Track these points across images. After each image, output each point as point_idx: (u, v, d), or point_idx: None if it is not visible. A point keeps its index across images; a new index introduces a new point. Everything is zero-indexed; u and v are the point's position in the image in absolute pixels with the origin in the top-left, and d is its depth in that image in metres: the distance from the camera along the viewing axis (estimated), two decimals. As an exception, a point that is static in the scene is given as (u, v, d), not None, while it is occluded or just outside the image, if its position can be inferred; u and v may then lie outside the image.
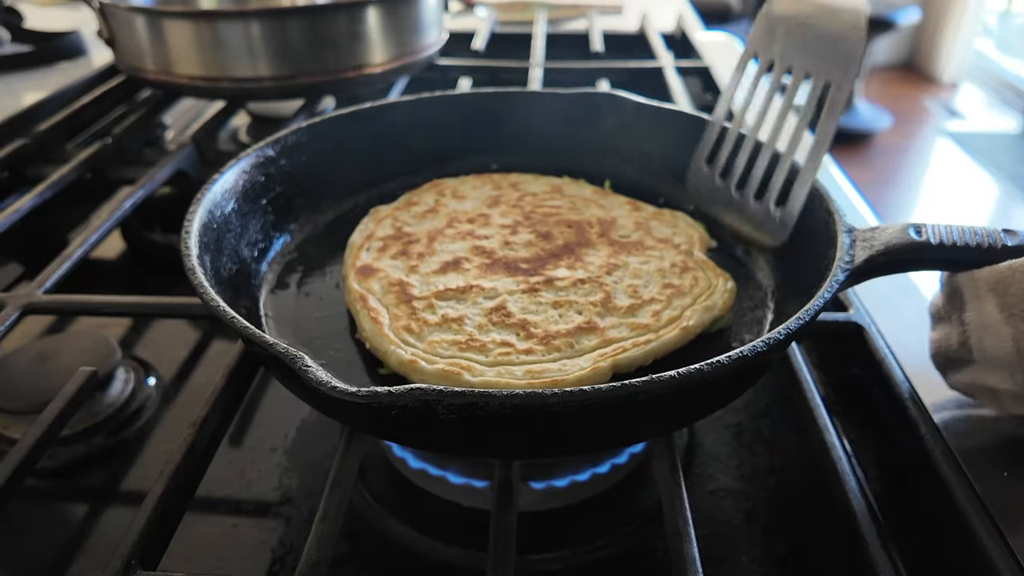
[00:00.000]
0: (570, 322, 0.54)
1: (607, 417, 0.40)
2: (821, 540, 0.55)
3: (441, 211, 0.69)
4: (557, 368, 0.49)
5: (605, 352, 0.51)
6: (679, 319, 0.54)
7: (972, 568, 0.43)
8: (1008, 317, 0.46)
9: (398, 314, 0.54)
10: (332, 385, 0.37)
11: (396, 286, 0.58)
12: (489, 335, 0.52)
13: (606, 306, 0.55)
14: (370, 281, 0.59)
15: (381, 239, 0.64)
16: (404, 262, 0.61)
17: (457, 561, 0.53)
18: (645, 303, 0.56)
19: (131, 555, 0.39)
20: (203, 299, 0.45)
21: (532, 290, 0.57)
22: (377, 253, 0.62)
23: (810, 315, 0.43)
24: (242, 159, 0.62)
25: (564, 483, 0.56)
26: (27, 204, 0.77)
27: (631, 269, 0.60)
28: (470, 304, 0.56)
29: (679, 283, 0.58)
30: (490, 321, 0.53)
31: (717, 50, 1.38)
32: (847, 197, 0.87)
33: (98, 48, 1.29)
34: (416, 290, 0.57)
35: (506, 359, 0.50)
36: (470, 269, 0.60)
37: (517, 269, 0.60)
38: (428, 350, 0.51)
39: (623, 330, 0.53)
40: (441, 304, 0.55)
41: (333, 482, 0.44)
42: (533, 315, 0.54)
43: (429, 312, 0.55)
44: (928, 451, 0.48)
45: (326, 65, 0.94)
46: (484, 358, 0.50)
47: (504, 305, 0.55)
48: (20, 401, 0.60)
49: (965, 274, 0.50)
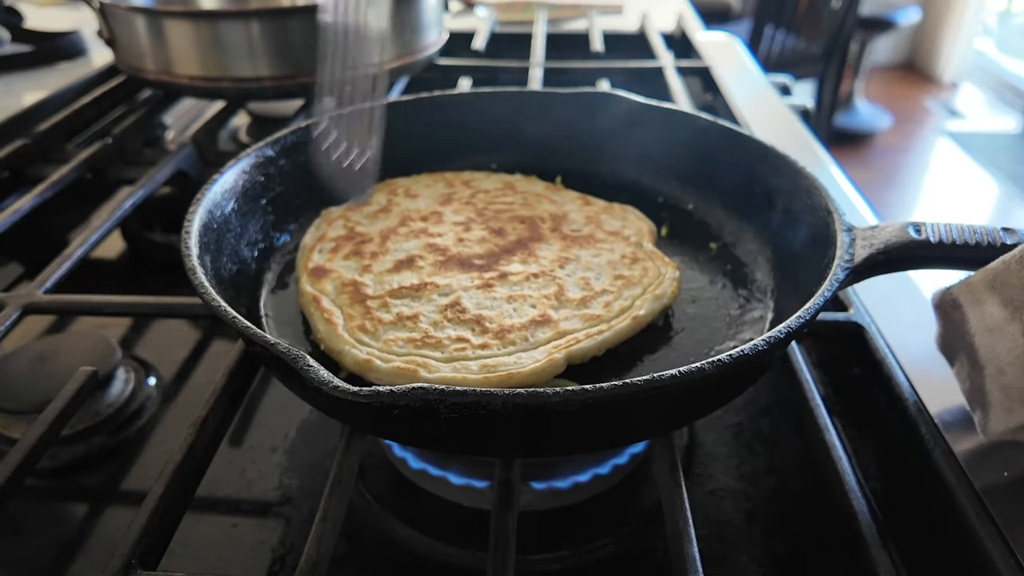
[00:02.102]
0: (524, 316, 0.55)
1: (608, 416, 0.40)
2: (821, 540, 0.55)
3: (394, 210, 0.69)
4: (512, 361, 0.50)
5: (559, 344, 0.52)
6: (630, 309, 0.56)
7: (972, 568, 0.43)
8: (1013, 312, 0.45)
9: (352, 314, 0.54)
10: (334, 384, 0.37)
11: (349, 286, 0.58)
12: (444, 331, 0.53)
13: (559, 299, 0.57)
14: (323, 282, 0.58)
15: (333, 240, 0.64)
16: (357, 262, 0.61)
17: (457, 561, 0.53)
18: (597, 294, 0.57)
19: (131, 555, 0.39)
20: (204, 299, 0.45)
21: (486, 285, 0.58)
22: (330, 254, 0.62)
23: (810, 313, 0.43)
24: (242, 159, 0.62)
25: (565, 483, 0.56)
26: (27, 204, 0.77)
27: (583, 262, 0.62)
28: (425, 301, 0.56)
29: (629, 274, 0.60)
30: (445, 318, 0.54)
31: (717, 50, 1.38)
32: (847, 197, 0.87)
33: (98, 48, 1.29)
34: (370, 289, 0.57)
35: (462, 355, 0.51)
36: (424, 267, 0.60)
37: (471, 265, 0.61)
38: (384, 349, 0.51)
39: (576, 322, 0.54)
40: (396, 303, 0.56)
41: (333, 482, 0.44)
42: (488, 310, 0.55)
43: (384, 311, 0.55)
44: (928, 451, 0.48)
45: (326, 65, 0.94)
46: (440, 354, 0.51)
47: (459, 301, 0.56)
48: (20, 401, 0.60)
49: (958, 285, 0.49)
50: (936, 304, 0.52)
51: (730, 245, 0.67)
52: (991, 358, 0.47)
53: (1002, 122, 4.53)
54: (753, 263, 0.64)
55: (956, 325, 0.50)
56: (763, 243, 0.65)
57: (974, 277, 0.48)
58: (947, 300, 0.51)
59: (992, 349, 0.47)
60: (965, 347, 0.49)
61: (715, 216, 0.70)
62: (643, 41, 1.40)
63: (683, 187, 0.73)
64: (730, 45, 1.47)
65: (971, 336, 0.48)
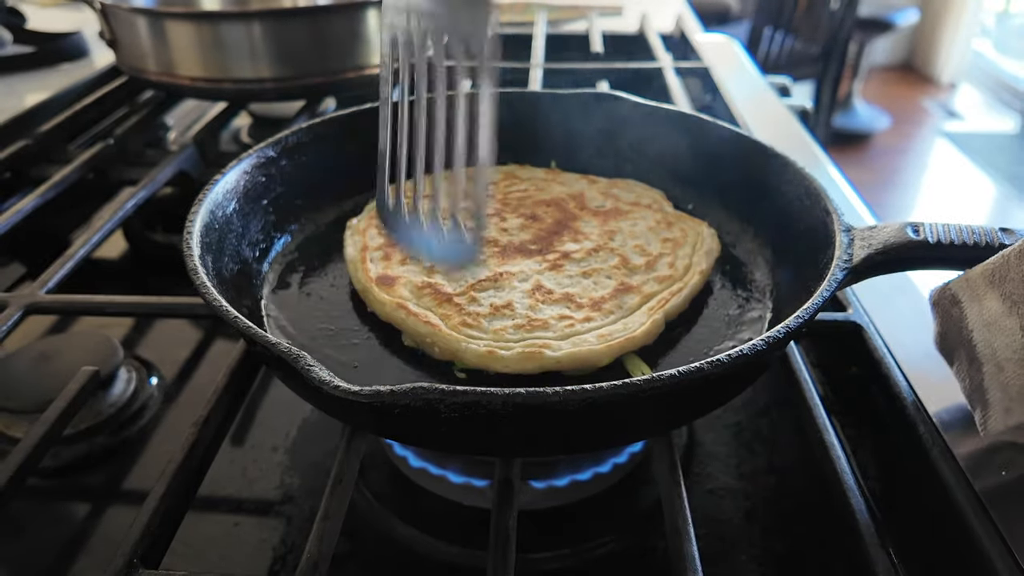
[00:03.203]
0: (606, 287, 0.57)
1: (608, 415, 0.40)
2: (820, 539, 0.55)
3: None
4: (622, 327, 0.53)
5: (651, 306, 0.55)
6: (691, 266, 0.60)
7: (970, 567, 0.43)
8: (1011, 307, 0.45)
9: (447, 313, 0.54)
10: (335, 384, 0.37)
11: (427, 288, 0.57)
12: (544, 312, 0.54)
13: (627, 267, 0.59)
14: (396, 289, 0.57)
15: (379, 248, 0.63)
16: (417, 266, 0.60)
17: (457, 560, 0.53)
18: (657, 258, 0.61)
19: (133, 554, 0.40)
20: (205, 299, 0.45)
21: (555, 266, 0.59)
22: (384, 262, 0.61)
23: (809, 313, 0.43)
24: (243, 160, 0.63)
25: (564, 482, 0.56)
26: (29, 204, 0.77)
27: (626, 232, 0.65)
28: (508, 290, 0.57)
29: (672, 236, 0.64)
30: (537, 301, 0.55)
31: (716, 51, 1.38)
32: (845, 197, 0.87)
33: (100, 49, 1.29)
34: (449, 288, 0.57)
35: (573, 330, 0.52)
36: (487, 259, 0.61)
37: (529, 251, 0.62)
38: (497, 338, 0.51)
39: (652, 284, 0.58)
40: (482, 295, 0.56)
41: (334, 481, 0.44)
42: (571, 288, 0.57)
43: (475, 305, 0.55)
44: (927, 450, 0.49)
45: (327, 66, 0.94)
46: (553, 334, 0.52)
47: (541, 284, 0.57)
48: (23, 401, 0.60)
49: (957, 280, 0.49)
50: (934, 301, 0.52)
51: (729, 245, 0.67)
52: (989, 354, 0.46)
53: (1000, 123, 4.53)
54: (752, 263, 0.64)
55: (955, 322, 0.50)
56: (762, 243, 0.65)
57: (973, 272, 0.48)
58: (945, 296, 0.51)
59: (990, 344, 0.46)
60: (964, 344, 0.49)
61: (715, 216, 0.70)
62: (642, 42, 1.41)
63: (683, 187, 0.73)
64: (729, 46, 1.48)
65: (969, 332, 0.48)
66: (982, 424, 0.48)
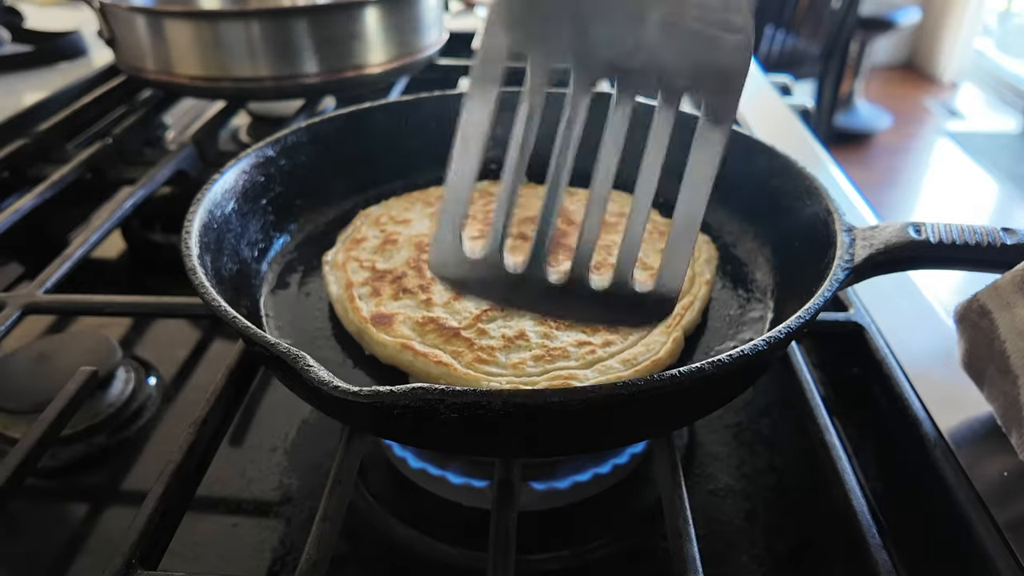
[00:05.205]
0: None
1: (608, 416, 0.40)
2: (821, 540, 0.55)
3: (399, 240, 0.63)
4: (645, 350, 0.51)
5: (668, 324, 0.53)
6: (695, 276, 0.59)
7: (971, 568, 0.43)
8: None
9: (458, 350, 0.50)
10: (334, 385, 0.37)
11: (429, 324, 0.52)
12: (561, 341, 0.51)
13: None
14: (395, 327, 0.53)
15: (365, 283, 0.58)
16: (412, 299, 0.56)
17: (457, 561, 0.53)
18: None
19: (131, 554, 0.39)
20: (204, 299, 0.45)
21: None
22: (375, 299, 0.56)
23: (810, 313, 0.43)
24: (242, 159, 0.62)
25: (565, 483, 0.56)
26: (28, 204, 0.77)
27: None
28: (517, 318, 0.53)
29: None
30: (550, 327, 0.52)
31: (717, 50, 1.38)
32: (847, 197, 0.87)
33: (99, 48, 1.29)
34: (453, 321, 0.53)
35: (595, 356, 0.50)
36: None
37: None
38: (517, 372, 0.48)
39: None
40: (490, 327, 0.52)
41: (333, 482, 0.44)
42: None
43: (485, 338, 0.51)
44: (928, 451, 0.48)
45: (326, 65, 0.94)
46: (575, 363, 0.49)
47: None
48: (21, 401, 0.60)
49: (985, 290, 0.47)
50: (959, 317, 0.50)
51: (730, 245, 0.67)
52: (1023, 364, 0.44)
53: (1002, 122, 4.53)
54: (753, 263, 0.64)
55: (984, 334, 0.48)
56: (763, 243, 0.65)
57: (1001, 280, 0.46)
58: (972, 309, 0.49)
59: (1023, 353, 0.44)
60: (995, 357, 0.47)
61: (715, 216, 0.69)
62: (643, 41, 1.40)
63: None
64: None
65: (1001, 343, 0.46)
66: (1020, 446, 0.45)
